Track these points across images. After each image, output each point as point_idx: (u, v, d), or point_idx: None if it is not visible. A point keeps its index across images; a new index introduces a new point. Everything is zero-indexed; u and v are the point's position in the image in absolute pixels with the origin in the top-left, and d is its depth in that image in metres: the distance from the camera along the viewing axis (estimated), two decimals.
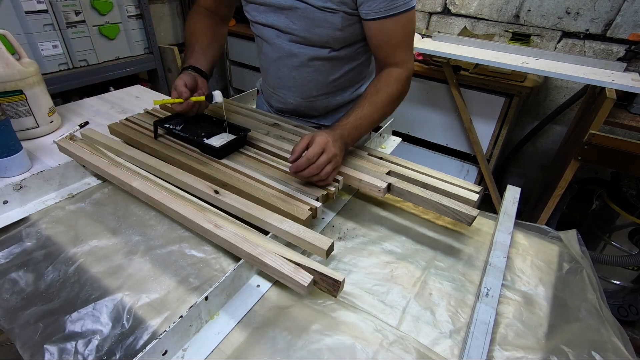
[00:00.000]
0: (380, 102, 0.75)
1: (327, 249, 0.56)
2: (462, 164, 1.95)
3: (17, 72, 0.84)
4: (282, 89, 0.93)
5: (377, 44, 0.78)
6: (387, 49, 0.77)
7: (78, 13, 1.74)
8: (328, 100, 0.94)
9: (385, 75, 0.78)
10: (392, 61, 0.79)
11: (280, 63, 0.87)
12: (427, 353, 0.50)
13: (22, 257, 0.60)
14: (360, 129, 0.74)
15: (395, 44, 0.76)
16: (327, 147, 0.65)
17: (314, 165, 0.64)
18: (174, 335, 0.46)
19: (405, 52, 0.78)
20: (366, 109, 0.74)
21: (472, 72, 1.71)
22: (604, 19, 1.66)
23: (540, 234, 0.75)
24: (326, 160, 0.65)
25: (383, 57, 0.80)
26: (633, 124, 1.30)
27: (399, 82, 0.78)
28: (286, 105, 0.97)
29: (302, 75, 0.87)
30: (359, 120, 0.73)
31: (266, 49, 0.88)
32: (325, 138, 0.65)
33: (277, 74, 0.90)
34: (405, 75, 0.78)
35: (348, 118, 0.73)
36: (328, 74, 0.88)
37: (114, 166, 0.72)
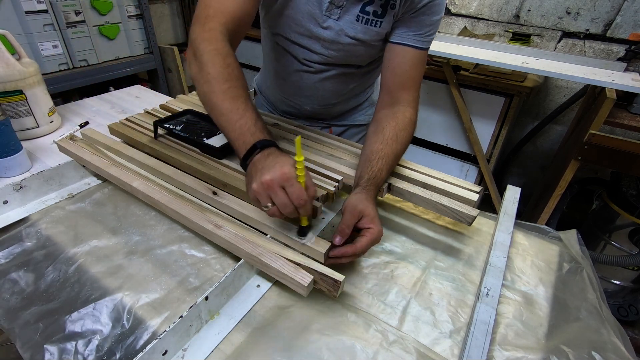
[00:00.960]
0: (400, 150, 0.71)
1: (325, 252, 0.56)
2: (462, 164, 1.95)
3: (17, 72, 0.84)
4: (299, 97, 0.92)
5: (393, 70, 0.76)
6: (403, 79, 0.75)
7: (78, 13, 1.74)
8: (343, 105, 0.95)
9: (402, 117, 0.73)
10: (402, 95, 0.75)
11: (304, 76, 0.86)
12: (427, 353, 0.50)
13: (22, 257, 0.60)
14: (385, 178, 0.69)
15: (411, 77, 0.75)
16: (379, 239, 0.58)
17: (355, 255, 0.57)
18: (174, 335, 0.46)
19: (416, 90, 0.77)
20: (392, 160, 0.69)
21: (472, 72, 1.71)
22: (604, 19, 1.66)
23: (540, 234, 0.75)
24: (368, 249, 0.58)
25: (395, 86, 0.76)
26: (633, 124, 1.30)
27: (413, 126, 0.75)
28: (300, 111, 0.96)
29: (325, 86, 0.87)
30: (388, 173, 0.68)
31: (288, 61, 0.84)
32: (379, 229, 0.57)
33: (297, 84, 0.88)
34: (415, 118, 0.76)
35: (382, 173, 0.66)
36: (349, 84, 0.89)
37: (114, 166, 0.72)
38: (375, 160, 0.67)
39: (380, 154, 0.67)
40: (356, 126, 1.02)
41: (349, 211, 0.58)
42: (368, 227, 0.57)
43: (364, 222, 0.57)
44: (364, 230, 0.57)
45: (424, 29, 0.72)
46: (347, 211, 0.58)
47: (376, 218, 0.58)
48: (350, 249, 0.55)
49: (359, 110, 1.01)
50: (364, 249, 0.56)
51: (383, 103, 0.77)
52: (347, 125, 1.02)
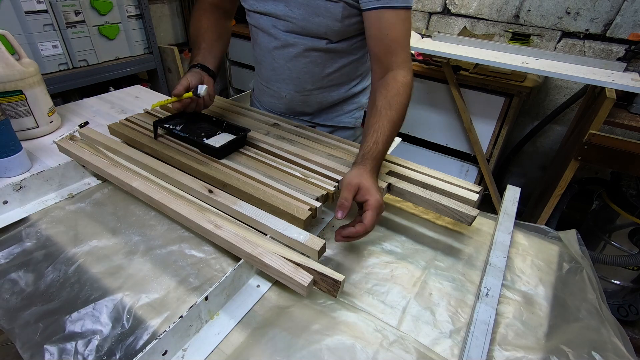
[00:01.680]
0: (397, 116, 0.70)
1: (319, 249, 0.56)
2: (462, 164, 1.95)
3: (17, 72, 0.84)
4: (276, 81, 0.93)
5: (375, 37, 0.75)
6: (387, 43, 0.74)
7: (78, 13, 1.74)
8: (322, 95, 0.94)
9: (392, 82, 0.72)
10: (391, 59, 0.75)
11: (276, 54, 0.87)
12: (427, 353, 0.50)
13: (22, 257, 0.60)
14: (386, 151, 0.70)
15: (394, 39, 0.74)
16: (381, 208, 0.59)
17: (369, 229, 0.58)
18: (173, 336, 0.46)
19: (404, 50, 0.75)
20: (388, 130, 0.68)
21: (472, 72, 1.71)
22: (603, 19, 1.66)
23: (540, 234, 0.75)
24: (377, 220, 0.59)
25: (382, 52, 0.75)
26: (633, 124, 1.30)
27: (407, 87, 0.73)
28: (279, 100, 0.96)
29: (298, 67, 0.87)
30: (385, 144, 0.68)
31: (262, 39, 0.88)
32: (377, 198, 0.58)
33: (271, 65, 0.90)
34: (409, 78, 0.74)
35: (377, 145, 0.66)
36: (324, 67, 0.87)
37: (114, 166, 0.72)
38: (369, 135, 0.68)
39: (374, 126, 0.68)
40: (342, 129, 1.01)
41: (344, 186, 0.61)
42: (365, 199, 0.59)
43: (360, 194, 0.59)
44: (364, 205, 0.59)
45: None
46: (343, 186, 0.61)
47: (372, 188, 0.59)
48: (360, 227, 0.57)
49: (346, 112, 0.99)
50: (371, 223, 0.57)
51: (375, 74, 0.78)
52: (333, 127, 1.00)
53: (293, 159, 0.77)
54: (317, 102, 0.95)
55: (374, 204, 0.58)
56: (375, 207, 0.58)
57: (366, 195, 0.59)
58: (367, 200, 0.58)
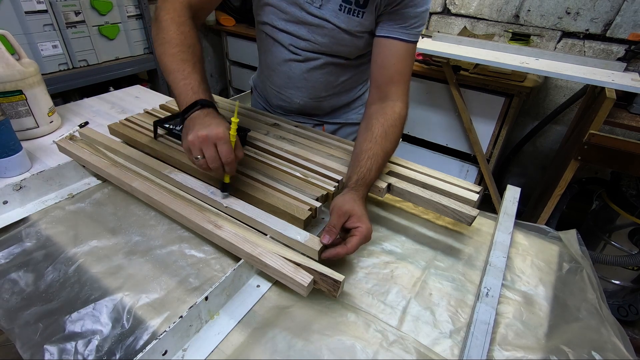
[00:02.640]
0: (390, 148, 0.71)
1: (319, 249, 0.56)
2: (462, 164, 1.94)
3: (17, 72, 0.84)
4: (290, 89, 0.92)
5: (381, 64, 0.76)
6: (390, 73, 0.76)
7: (78, 13, 1.74)
8: (334, 100, 0.95)
9: (391, 113, 0.73)
10: (391, 89, 0.75)
11: (293, 65, 0.86)
12: (427, 353, 0.50)
13: (22, 258, 0.60)
14: (376, 179, 0.70)
15: (398, 70, 0.75)
16: (369, 237, 0.59)
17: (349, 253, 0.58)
18: (174, 336, 0.46)
19: (405, 84, 0.77)
20: (381, 159, 0.69)
21: (472, 72, 1.71)
22: (603, 19, 1.66)
23: (540, 234, 0.75)
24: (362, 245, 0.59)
25: (383, 81, 0.76)
26: (633, 124, 1.30)
27: (402, 120, 0.74)
28: (291, 105, 0.96)
29: (314, 77, 0.88)
30: (377, 172, 0.69)
31: (277, 50, 0.86)
32: (367, 227, 0.58)
33: (287, 74, 0.89)
34: (405, 113, 0.76)
35: (370, 173, 0.66)
36: (338, 76, 0.89)
37: (114, 166, 0.72)
38: (364, 160, 0.67)
39: (369, 152, 0.68)
40: (349, 125, 1.02)
41: (335, 211, 0.59)
42: (356, 226, 0.58)
43: (352, 221, 0.59)
44: (353, 230, 0.58)
45: (409, 21, 0.72)
46: (334, 212, 0.60)
47: (364, 216, 0.59)
48: (342, 250, 0.57)
49: (352, 108, 1.01)
50: (354, 248, 0.57)
51: (373, 98, 0.78)
52: (340, 124, 1.01)
53: (293, 159, 0.77)
54: (329, 106, 0.97)
55: (364, 232, 0.57)
56: (365, 235, 0.58)
57: (357, 222, 0.58)
58: (358, 227, 0.58)
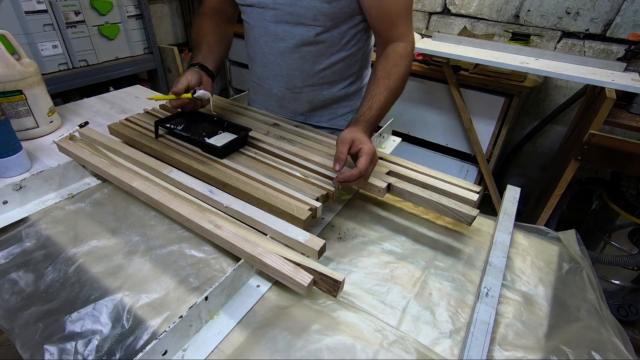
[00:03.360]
0: (394, 85, 0.75)
1: (319, 249, 0.56)
2: (462, 164, 1.95)
3: (17, 72, 0.84)
4: (267, 78, 0.94)
5: (376, 15, 0.78)
6: (388, 19, 0.77)
7: (78, 13, 1.74)
8: (314, 93, 0.93)
9: (392, 54, 0.77)
10: (393, 34, 0.78)
11: (266, 49, 0.88)
12: (427, 353, 0.50)
13: (22, 257, 0.60)
14: (381, 117, 0.74)
15: (395, 15, 0.76)
16: (374, 155, 0.64)
17: (363, 177, 0.64)
18: (173, 336, 0.46)
19: (405, 24, 0.78)
20: (383, 97, 0.73)
21: (472, 72, 1.71)
22: (603, 19, 1.66)
23: (539, 234, 0.75)
24: (372, 167, 0.65)
25: (384, 30, 0.79)
26: (633, 124, 1.30)
27: (406, 59, 0.77)
28: (271, 98, 0.97)
29: (288, 63, 0.87)
30: (380, 110, 0.73)
31: (252, 33, 0.89)
32: (370, 146, 0.64)
33: (262, 61, 0.91)
34: (410, 49, 0.78)
35: (371, 110, 0.72)
36: (314, 63, 0.87)
37: (114, 166, 0.72)
38: (365, 100, 0.73)
39: (371, 93, 0.73)
40: (338, 131, 0.99)
41: (339, 141, 0.65)
42: (360, 147, 0.63)
43: (355, 145, 0.64)
44: (358, 153, 0.63)
45: None
46: (338, 142, 0.65)
47: (365, 139, 0.64)
48: (355, 170, 0.61)
49: (340, 115, 0.99)
50: (365, 166, 0.62)
51: (378, 47, 0.81)
52: (328, 129, 0.99)
53: (293, 159, 0.77)
54: (308, 100, 0.95)
55: (367, 150, 0.62)
56: (369, 153, 0.62)
57: (359, 145, 0.63)
58: (361, 148, 0.63)
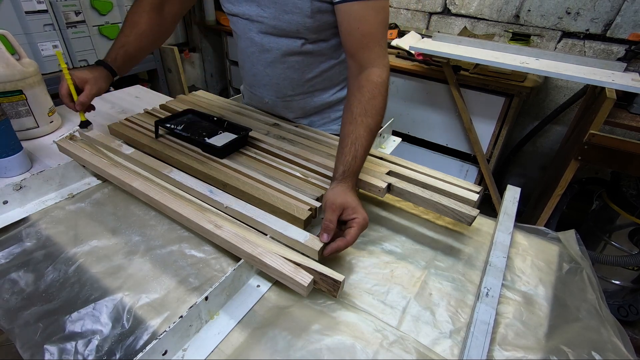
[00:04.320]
0: (373, 122, 0.67)
1: (319, 249, 0.56)
2: (462, 164, 1.94)
3: (17, 72, 0.84)
4: (257, 87, 0.92)
5: (346, 31, 0.71)
6: (358, 37, 0.70)
7: (78, 13, 1.74)
8: (305, 100, 0.91)
9: (367, 84, 0.69)
10: (364, 55, 0.70)
11: (254, 59, 0.86)
12: (427, 353, 0.50)
13: (22, 257, 0.60)
14: (364, 160, 0.68)
15: (366, 33, 0.69)
16: (366, 225, 0.60)
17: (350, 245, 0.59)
18: (174, 336, 0.46)
19: (379, 46, 0.71)
20: (365, 140, 0.66)
21: (472, 72, 1.71)
22: (604, 19, 1.66)
23: (539, 235, 0.75)
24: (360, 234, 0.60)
25: (354, 48, 0.71)
26: (633, 124, 1.30)
27: (382, 87, 0.69)
28: (263, 105, 0.96)
29: (276, 73, 0.86)
30: (364, 156, 0.67)
31: (241, 43, 0.87)
32: (364, 216, 0.59)
33: (251, 70, 0.89)
34: (385, 76, 0.70)
35: (356, 160, 0.65)
36: (303, 72, 0.85)
37: (114, 166, 0.72)
38: (348, 147, 0.65)
39: (351, 137, 0.66)
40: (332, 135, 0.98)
41: (328, 207, 0.60)
42: (352, 217, 0.59)
43: (347, 213, 0.59)
44: (349, 222, 0.59)
45: None
46: (327, 207, 0.60)
47: (358, 206, 0.60)
48: (342, 243, 0.57)
49: (333, 119, 0.97)
50: (354, 239, 0.58)
51: (350, 70, 0.73)
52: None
53: (293, 159, 0.77)
54: (299, 108, 0.93)
55: (361, 222, 0.58)
56: (362, 225, 0.59)
57: (353, 214, 0.59)
58: (354, 219, 0.59)
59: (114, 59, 0.82)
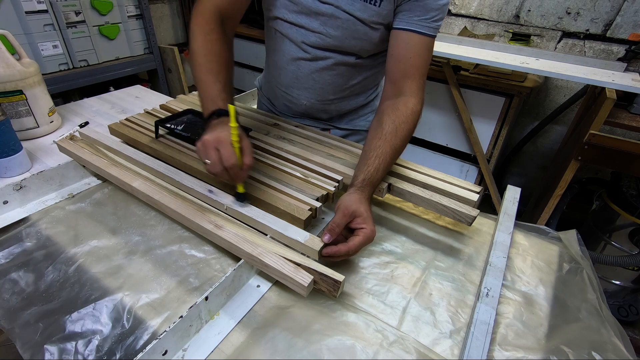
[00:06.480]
0: (400, 144, 0.69)
1: (319, 249, 0.56)
2: (462, 164, 1.94)
3: (17, 72, 0.84)
4: (297, 89, 0.90)
5: (397, 57, 0.74)
6: (407, 66, 0.73)
7: (78, 13, 1.74)
8: (342, 104, 0.93)
9: (403, 107, 0.71)
10: (406, 84, 0.73)
11: (301, 64, 0.84)
12: (427, 353, 0.50)
13: (22, 257, 0.60)
14: (384, 177, 0.69)
15: (414, 64, 0.73)
16: (372, 239, 0.59)
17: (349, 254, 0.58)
18: (174, 336, 0.46)
19: (421, 78, 0.74)
20: (390, 157, 0.67)
21: (472, 72, 1.71)
22: (604, 19, 1.66)
23: (540, 234, 0.75)
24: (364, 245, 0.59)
25: (399, 75, 0.74)
26: (633, 124, 1.30)
27: (415, 117, 0.71)
28: (297, 106, 0.95)
29: (323, 78, 0.85)
30: (384, 172, 0.67)
31: (287, 47, 0.84)
32: (372, 229, 0.58)
33: (295, 73, 0.87)
34: (419, 109, 0.73)
35: (378, 173, 0.65)
36: (348, 79, 0.87)
37: (114, 166, 0.72)
38: (372, 159, 0.66)
39: (377, 151, 0.67)
40: (357, 132, 1.00)
41: (341, 211, 0.59)
42: (361, 227, 0.58)
43: (357, 222, 0.59)
44: (357, 230, 0.58)
45: (429, 14, 0.70)
46: (340, 210, 0.59)
47: (369, 218, 0.59)
48: (343, 247, 0.57)
49: (360, 115, 0.99)
50: (357, 248, 0.57)
51: (387, 94, 0.76)
52: (348, 130, 0.99)
53: (293, 159, 0.77)
54: (335, 110, 0.95)
55: (368, 234, 0.58)
56: (369, 237, 0.58)
57: (362, 224, 0.58)
58: (362, 229, 0.58)
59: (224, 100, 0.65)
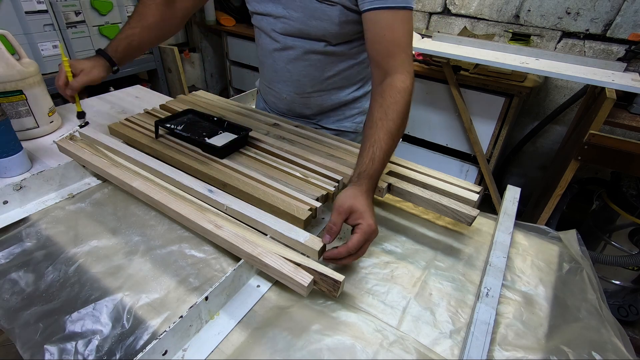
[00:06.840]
0: (394, 126, 0.65)
1: (319, 249, 0.56)
2: (462, 164, 1.95)
3: (17, 72, 0.84)
4: (277, 82, 0.93)
5: (373, 39, 0.71)
6: (384, 45, 0.70)
7: (78, 13, 1.74)
8: (322, 98, 0.93)
9: (388, 89, 0.68)
10: (390, 63, 0.70)
11: (276, 55, 0.87)
12: (427, 353, 0.50)
13: (22, 257, 0.60)
14: (384, 167, 0.66)
15: (392, 41, 0.69)
16: (372, 234, 0.57)
17: (353, 255, 0.57)
18: (174, 336, 0.46)
19: (404, 52, 0.70)
20: (385, 143, 0.64)
21: (472, 72, 1.71)
22: (604, 19, 1.66)
23: (540, 234, 0.75)
24: (368, 245, 0.58)
25: (380, 56, 0.71)
26: (633, 124, 1.30)
27: (405, 93, 0.68)
28: (280, 101, 0.97)
29: (297, 69, 0.87)
30: (383, 160, 0.64)
31: (263, 40, 0.88)
32: (370, 223, 0.56)
33: (272, 66, 0.90)
34: (409, 82, 0.69)
35: (373, 163, 0.63)
36: (323, 70, 0.87)
37: (114, 166, 0.72)
38: (365, 150, 0.64)
39: (371, 140, 0.64)
40: (344, 133, 0.99)
41: (335, 208, 0.58)
42: (357, 223, 0.57)
43: (353, 218, 0.58)
44: (354, 228, 0.58)
45: None
46: (335, 209, 0.58)
47: (366, 212, 0.57)
48: (343, 248, 0.56)
49: (347, 116, 0.98)
50: (355, 246, 0.55)
51: (375, 79, 0.73)
52: (335, 131, 0.99)
53: (293, 159, 0.77)
54: (317, 105, 0.95)
55: (364, 229, 0.56)
56: (366, 231, 0.56)
57: (358, 219, 0.56)
58: (358, 224, 0.56)
59: (115, 49, 0.83)
